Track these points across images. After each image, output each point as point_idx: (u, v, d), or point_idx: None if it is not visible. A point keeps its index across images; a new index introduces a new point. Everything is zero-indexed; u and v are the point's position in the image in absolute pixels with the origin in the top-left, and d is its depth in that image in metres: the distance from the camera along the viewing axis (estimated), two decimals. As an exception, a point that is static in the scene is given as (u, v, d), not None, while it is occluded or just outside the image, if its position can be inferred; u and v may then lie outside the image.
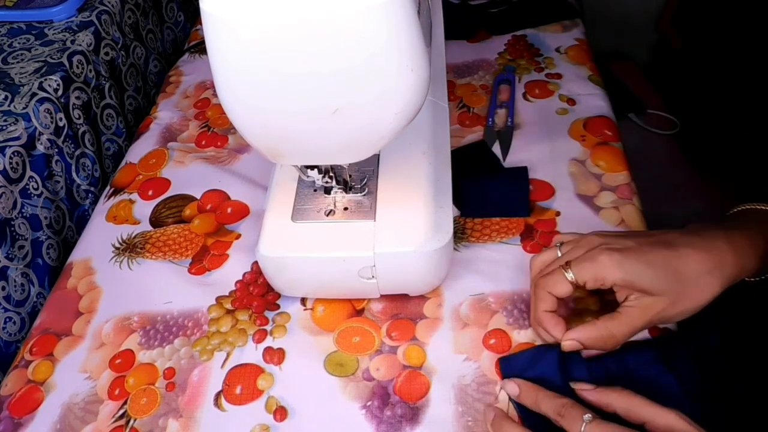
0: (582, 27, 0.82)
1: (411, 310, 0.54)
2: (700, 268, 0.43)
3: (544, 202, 0.61)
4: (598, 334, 0.44)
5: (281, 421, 0.48)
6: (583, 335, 0.45)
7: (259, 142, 0.44)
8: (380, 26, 0.36)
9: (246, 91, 0.40)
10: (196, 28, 0.95)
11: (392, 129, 0.42)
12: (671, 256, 0.44)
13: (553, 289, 0.46)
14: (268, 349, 0.53)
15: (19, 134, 0.64)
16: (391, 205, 0.51)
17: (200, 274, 0.59)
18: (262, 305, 0.56)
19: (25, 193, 0.64)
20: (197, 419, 0.49)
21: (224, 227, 0.63)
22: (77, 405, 0.51)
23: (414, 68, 0.39)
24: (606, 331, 0.44)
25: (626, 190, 0.61)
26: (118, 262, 0.61)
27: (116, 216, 0.66)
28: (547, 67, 0.76)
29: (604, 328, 0.44)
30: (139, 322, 0.56)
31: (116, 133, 0.81)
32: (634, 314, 0.44)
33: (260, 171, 0.68)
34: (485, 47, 0.81)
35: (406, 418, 0.47)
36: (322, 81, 0.38)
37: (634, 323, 0.44)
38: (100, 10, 0.81)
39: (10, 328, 0.61)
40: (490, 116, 0.70)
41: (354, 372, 0.51)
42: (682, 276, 0.43)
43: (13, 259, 0.62)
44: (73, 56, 0.75)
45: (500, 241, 0.58)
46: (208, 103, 0.79)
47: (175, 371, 0.53)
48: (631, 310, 0.44)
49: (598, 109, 0.70)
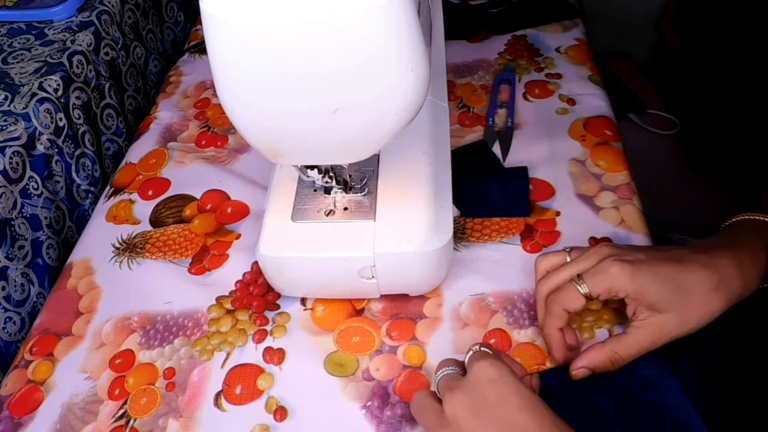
0: (582, 27, 0.82)
1: (411, 310, 0.54)
2: (707, 285, 0.43)
3: (544, 202, 0.61)
4: (606, 358, 0.45)
5: (281, 421, 0.48)
6: (591, 362, 0.45)
7: (259, 142, 0.44)
8: (380, 26, 0.36)
9: (246, 91, 0.40)
10: (196, 28, 0.95)
11: (392, 129, 0.42)
12: (680, 271, 0.44)
13: (568, 306, 0.46)
14: (268, 349, 0.53)
15: (19, 134, 0.64)
16: (391, 205, 0.51)
17: (200, 274, 0.59)
18: (262, 305, 0.56)
19: (25, 193, 0.64)
20: (197, 419, 0.49)
21: (224, 227, 0.63)
22: (77, 405, 0.51)
23: (414, 68, 0.39)
24: (614, 354, 0.45)
25: (626, 190, 0.61)
26: (118, 262, 0.61)
27: (116, 216, 0.66)
28: (547, 67, 0.76)
29: (611, 352, 0.45)
30: (139, 322, 0.56)
31: (116, 133, 0.81)
32: (642, 335, 0.44)
33: (260, 171, 0.68)
34: (485, 47, 0.81)
35: (406, 418, 0.47)
36: (322, 81, 0.38)
37: (641, 344, 0.44)
38: (100, 10, 0.81)
39: (10, 328, 0.61)
40: (490, 116, 0.70)
41: (354, 372, 0.51)
42: (689, 292, 0.43)
43: (13, 259, 0.62)
44: (73, 56, 0.74)
45: (500, 241, 0.58)
46: (208, 103, 0.79)
47: (175, 371, 0.53)
48: (640, 331, 0.44)
49: (598, 109, 0.70)
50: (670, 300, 0.43)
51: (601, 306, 0.52)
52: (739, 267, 0.44)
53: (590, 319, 0.51)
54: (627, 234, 0.57)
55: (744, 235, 0.47)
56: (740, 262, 0.45)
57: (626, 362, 0.45)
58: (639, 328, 0.44)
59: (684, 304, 0.43)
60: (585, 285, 0.45)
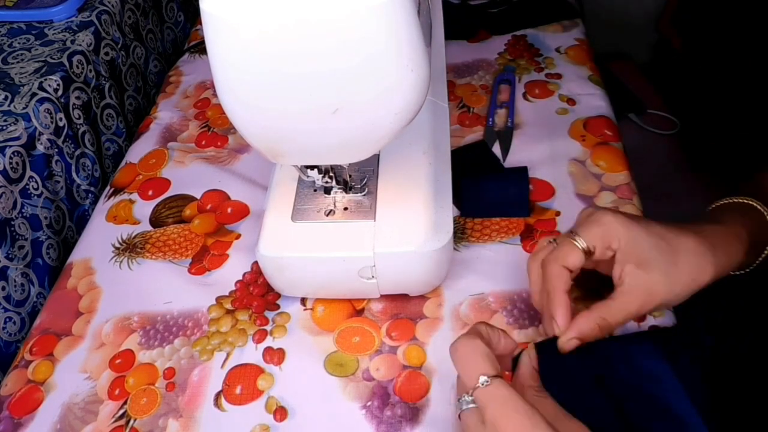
0: (582, 27, 0.82)
1: (411, 310, 0.54)
2: (697, 250, 0.43)
3: (544, 202, 0.61)
4: (594, 325, 0.43)
5: (281, 421, 0.48)
6: (580, 332, 0.44)
7: (259, 142, 0.44)
8: (380, 26, 0.36)
9: (246, 91, 0.40)
10: (196, 28, 0.95)
11: (392, 129, 0.42)
12: (671, 233, 0.44)
13: (567, 261, 0.44)
14: (268, 349, 0.53)
15: (19, 134, 0.64)
16: (391, 205, 0.51)
17: (200, 274, 0.59)
18: (262, 305, 0.56)
19: (25, 193, 0.64)
20: (197, 419, 0.49)
21: (224, 227, 0.63)
22: (77, 405, 0.51)
23: (414, 68, 0.39)
24: (602, 321, 0.43)
25: (626, 190, 0.61)
26: (118, 262, 0.61)
27: (116, 216, 0.66)
28: (547, 67, 0.76)
29: (599, 318, 0.43)
30: (139, 322, 0.56)
31: (116, 133, 0.81)
32: (629, 300, 0.43)
33: (260, 171, 0.68)
34: (485, 47, 0.81)
35: (406, 418, 0.47)
36: (322, 81, 0.38)
37: (629, 309, 0.43)
38: (100, 10, 0.82)
39: (10, 328, 0.61)
40: (490, 116, 0.70)
41: (354, 372, 0.51)
42: (679, 254, 0.43)
43: (13, 259, 0.62)
44: (73, 56, 0.75)
45: (500, 241, 0.58)
46: (208, 103, 0.79)
47: (175, 371, 0.53)
48: (627, 296, 0.43)
49: (598, 109, 0.70)
50: (659, 259, 0.43)
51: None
52: (725, 242, 0.44)
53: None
54: (627, 234, 0.57)
55: (728, 215, 0.47)
56: (726, 237, 0.45)
57: (614, 329, 0.44)
58: (626, 293, 0.43)
59: (673, 265, 0.43)
60: (580, 238, 0.44)
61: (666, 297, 0.43)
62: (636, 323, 0.51)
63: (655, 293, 0.43)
